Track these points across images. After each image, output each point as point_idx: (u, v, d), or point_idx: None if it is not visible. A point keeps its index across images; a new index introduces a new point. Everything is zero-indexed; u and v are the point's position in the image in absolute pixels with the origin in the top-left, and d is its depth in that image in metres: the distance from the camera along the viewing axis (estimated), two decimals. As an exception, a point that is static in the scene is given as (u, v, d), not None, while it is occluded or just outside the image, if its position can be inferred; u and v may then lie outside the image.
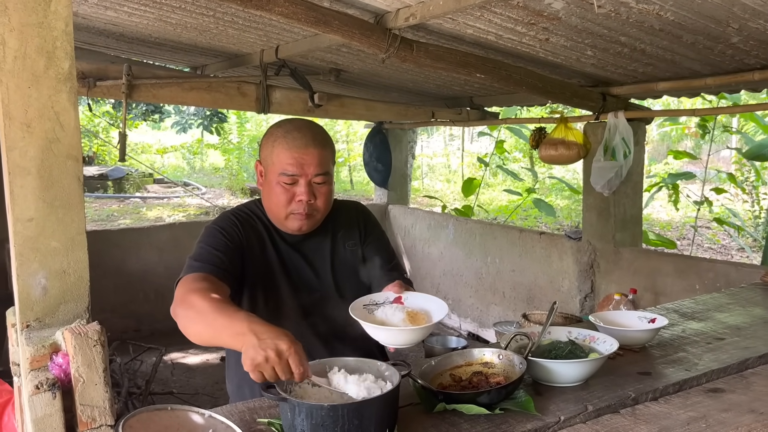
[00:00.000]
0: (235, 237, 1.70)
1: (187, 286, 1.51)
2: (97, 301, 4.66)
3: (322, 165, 1.68)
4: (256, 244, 1.74)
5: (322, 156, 1.68)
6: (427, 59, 2.83)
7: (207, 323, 1.38)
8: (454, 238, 4.89)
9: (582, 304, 3.79)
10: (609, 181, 3.36)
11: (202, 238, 1.69)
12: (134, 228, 5.36)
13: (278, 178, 1.66)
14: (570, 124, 3.65)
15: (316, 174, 1.67)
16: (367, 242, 1.86)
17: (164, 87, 3.59)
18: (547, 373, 1.47)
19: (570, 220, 10.16)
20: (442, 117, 4.45)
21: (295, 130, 1.69)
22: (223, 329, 1.34)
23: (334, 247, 1.83)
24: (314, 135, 1.69)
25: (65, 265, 1.53)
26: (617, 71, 3.28)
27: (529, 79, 3.19)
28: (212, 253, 1.62)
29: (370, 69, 3.98)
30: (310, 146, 1.66)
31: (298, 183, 1.66)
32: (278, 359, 1.21)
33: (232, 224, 1.72)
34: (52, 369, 1.61)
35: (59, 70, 1.47)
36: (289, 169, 1.65)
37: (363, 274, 1.84)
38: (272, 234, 1.77)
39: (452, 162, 17.21)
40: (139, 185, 12.32)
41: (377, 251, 1.86)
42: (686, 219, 9.70)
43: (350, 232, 1.86)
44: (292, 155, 1.65)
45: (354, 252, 1.84)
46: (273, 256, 1.75)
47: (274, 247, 1.76)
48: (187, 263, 1.62)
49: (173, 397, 3.49)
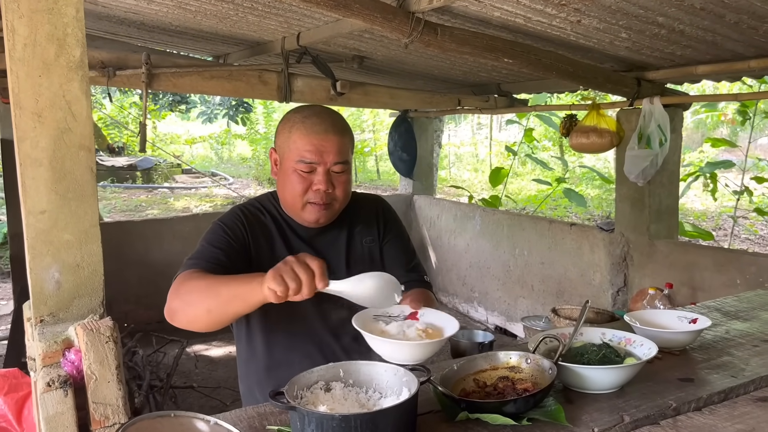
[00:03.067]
0: (239, 233, 1.61)
1: (180, 280, 1.44)
2: (121, 292, 4.64)
3: (341, 153, 1.58)
4: (263, 241, 1.65)
5: (341, 143, 1.58)
6: (452, 44, 2.71)
7: (217, 293, 1.33)
8: (481, 230, 4.76)
9: (614, 298, 3.65)
10: (644, 170, 3.20)
11: (204, 235, 1.61)
12: (158, 219, 5.35)
13: (295, 165, 1.57)
14: (602, 111, 3.50)
15: (335, 162, 1.57)
16: (386, 239, 1.76)
17: (184, 76, 3.53)
18: (579, 379, 1.36)
19: (600, 210, 9.92)
20: (469, 105, 4.32)
21: (313, 116, 1.59)
22: (238, 287, 1.29)
23: (350, 242, 1.73)
24: (334, 121, 1.60)
25: (79, 258, 1.50)
26: (653, 54, 3.12)
27: (559, 64, 3.05)
28: (210, 251, 1.54)
29: (394, 56, 3.87)
30: (330, 133, 1.57)
31: (315, 171, 1.57)
32: (296, 260, 1.22)
33: (238, 220, 1.64)
34: (65, 365, 1.57)
35: (70, 58, 1.44)
36: (307, 156, 1.55)
37: None
38: (283, 229, 1.68)
39: (480, 151, 17.01)
40: (168, 175, 12.38)
41: (397, 249, 1.76)
42: (722, 209, 9.40)
43: (368, 228, 1.76)
44: (310, 141, 1.55)
45: (371, 248, 1.75)
46: (283, 252, 1.65)
47: (285, 243, 1.66)
48: (183, 263, 1.54)
49: (194, 391, 3.45)
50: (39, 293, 1.45)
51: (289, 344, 1.63)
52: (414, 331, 1.38)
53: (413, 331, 1.37)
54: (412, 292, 1.65)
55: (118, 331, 1.75)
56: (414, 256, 1.80)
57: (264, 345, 1.65)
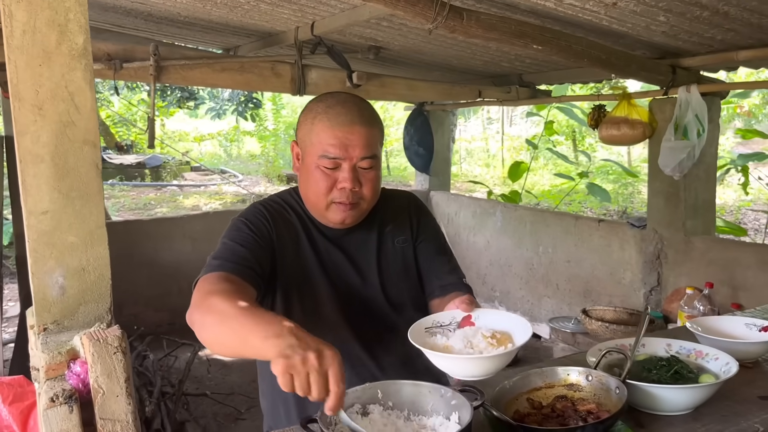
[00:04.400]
0: (264, 231, 1.45)
1: (206, 288, 1.27)
2: (130, 294, 4.49)
3: (369, 146, 1.41)
4: (288, 240, 1.49)
5: (369, 135, 1.42)
6: (478, 29, 2.54)
7: (231, 328, 1.15)
8: (502, 226, 4.59)
9: (647, 298, 3.47)
10: (680, 162, 3.02)
11: (226, 233, 1.45)
12: (167, 218, 5.21)
13: (318, 161, 1.41)
14: (633, 101, 3.32)
15: (362, 157, 1.40)
16: (419, 239, 1.60)
17: (194, 68, 3.38)
18: (650, 399, 1.20)
19: (616, 204, 9.71)
20: (490, 96, 4.14)
21: (338, 105, 1.42)
22: (251, 333, 1.09)
23: (381, 243, 1.56)
24: (360, 111, 1.43)
25: (84, 261, 1.39)
26: (691, 39, 2.93)
27: (591, 51, 2.87)
28: (235, 250, 1.38)
29: (412, 45, 3.70)
30: (356, 124, 1.40)
31: (340, 167, 1.40)
32: (318, 365, 0.99)
33: (261, 217, 1.48)
34: (70, 378, 1.46)
35: (72, 45, 1.32)
36: (330, 150, 1.39)
37: (414, 276, 1.58)
38: (309, 227, 1.52)
39: (491, 146, 16.81)
40: (176, 173, 12.25)
41: (432, 250, 1.60)
42: (740, 203, 9.17)
43: (400, 227, 1.59)
44: (334, 134, 1.39)
45: (404, 250, 1.58)
46: (309, 253, 1.50)
47: (311, 243, 1.50)
48: (207, 262, 1.38)
49: (208, 398, 3.30)
50: (42, 299, 1.36)
51: None
52: (480, 339, 1.21)
53: (480, 339, 1.20)
54: (454, 296, 1.49)
55: (126, 340, 1.62)
56: (451, 256, 1.64)
57: None
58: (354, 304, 1.50)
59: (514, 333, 1.23)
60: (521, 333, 1.21)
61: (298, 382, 0.98)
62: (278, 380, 0.99)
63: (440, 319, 1.32)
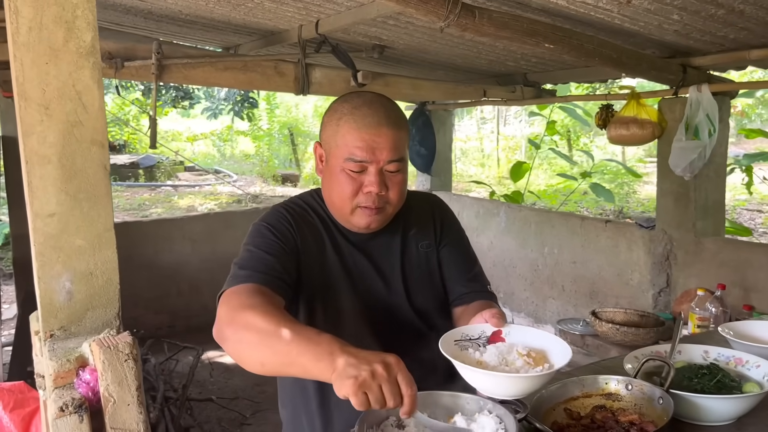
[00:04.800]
0: (289, 237, 1.40)
1: (237, 302, 1.21)
2: (130, 297, 4.40)
3: (396, 149, 1.36)
4: (313, 245, 1.43)
5: (397, 138, 1.37)
6: (490, 27, 2.50)
7: (275, 349, 1.09)
8: (506, 227, 4.55)
9: (655, 299, 3.44)
10: (691, 163, 2.99)
11: (249, 239, 1.39)
12: (166, 219, 5.14)
13: (343, 164, 1.35)
14: (642, 101, 3.28)
15: (389, 160, 1.35)
16: (443, 243, 1.55)
17: (197, 67, 3.32)
18: (693, 410, 1.15)
19: (612, 205, 9.71)
20: (495, 96, 4.10)
21: (364, 106, 1.37)
22: (300, 354, 1.05)
23: (405, 247, 1.51)
24: (388, 112, 1.38)
25: (92, 265, 1.36)
26: (702, 38, 2.90)
27: (603, 50, 2.83)
28: (263, 258, 1.33)
29: (417, 44, 3.65)
30: (384, 126, 1.35)
31: (367, 171, 1.35)
32: (387, 375, 0.97)
33: (285, 221, 1.42)
34: (79, 387, 1.42)
35: (80, 43, 1.28)
36: (357, 153, 1.34)
37: (438, 282, 1.53)
38: (332, 232, 1.46)
39: (485, 146, 16.81)
40: (170, 173, 12.16)
41: (456, 255, 1.55)
42: (735, 202, 9.18)
43: (424, 230, 1.54)
44: (361, 136, 1.34)
45: (428, 254, 1.53)
46: (333, 258, 1.44)
47: (335, 248, 1.45)
48: (232, 272, 1.32)
49: (212, 403, 3.24)
50: (48, 305, 1.32)
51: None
52: (516, 357, 1.15)
53: (515, 357, 1.15)
54: (478, 305, 1.44)
55: (138, 347, 1.56)
56: (476, 262, 1.59)
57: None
58: (378, 312, 1.45)
59: (550, 352, 1.17)
60: (559, 353, 1.15)
61: (373, 397, 0.96)
62: (352, 401, 0.96)
63: (469, 332, 1.26)
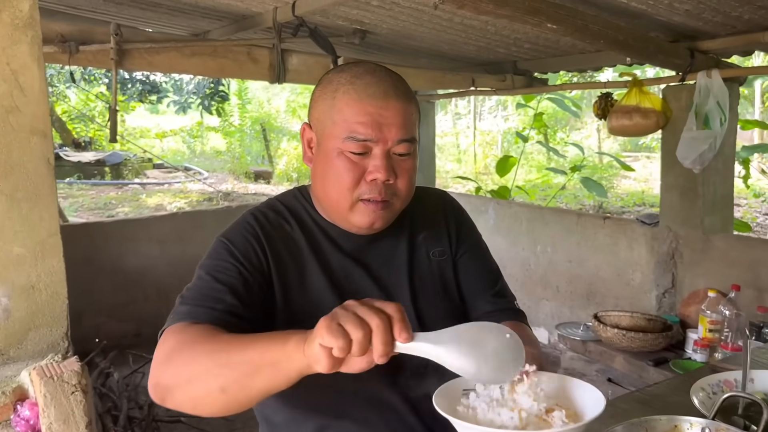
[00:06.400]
0: (253, 258, 1.11)
1: (172, 342, 0.95)
2: (91, 303, 4.01)
3: (407, 126, 1.10)
4: (290, 262, 1.15)
5: (407, 113, 1.10)
6: (489, 4, 2.28)
7: (232, 364, 0.86)
8: (495, 224, 4.32)
9: (659, 301, 3.23)
10: (701, 154, 2.78)
11: (204, 260, 1.11)
12: (132, 219, 4.80)
13: (342, 145, 1.08)
14: (645, 88, 3.07)
15: (399, 139, 1.08)
16: (460, 251, 1.28)
17: (161, 52, 3.03)
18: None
19: (591, 199, 9.56)
20: (484, 85, 3.86)
21: (366, 74, 1.10)
22: (266, 350, 0.85)
23: (414, 255, 1.23)
24: (395, 82, 1.11)
25: (34, 277, 1.17)
26: (714, 19, 2.69)
27: (608, 31, 2.61)
28: (211, 289, 1.05)
29: (401, 29, 3.39)
30: (391, 97, 1.08)
31: (371, 153, 1.08)
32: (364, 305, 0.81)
33: (251, 236, 1.13)
34: (17, 425, 1.22)
35: (16, 13, 1.05)
36: (360, 130, 1.07)
37: (456, 299, 1.25)
38: (318, 241, 1.18)
39: (461, 141, 16.68)
40: (138, 171, 11.72)
41: (477, 266, 1.28)
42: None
43: (436, 236, 1.27)
44: (364, 109, 1.06)
45: (441, 265, 1.25)
46: (319, 276, 1.15)
47: (322, 264, 1.16)
48: (177, 305, 1.05)
49: (182, 424, 2.94)
50: None
51: (338, 409, 1.13)
52: (533, 408, 0.87)
53: (533, 408, 0.87)
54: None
55: (88, 376, 1.29)
56: (499, 274, 1.32)
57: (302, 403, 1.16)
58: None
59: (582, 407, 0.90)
60: (590, 405, 0.89)
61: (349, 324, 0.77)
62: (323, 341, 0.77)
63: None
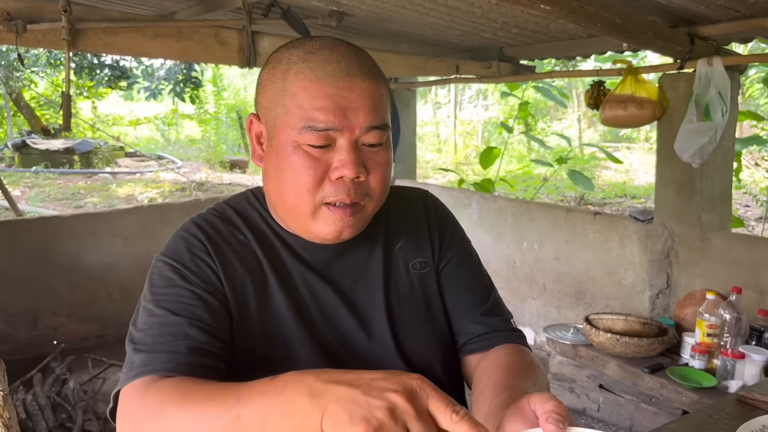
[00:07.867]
0: (209, 275, 0.89)
1: (137, 414, 0.74)
2: (48, 303, 3.73)
3: (377, 111, 0.88)
4: (245, 278, 0.93)
5: (376, 94, 0.88)
6: (478, -19, 2.06)
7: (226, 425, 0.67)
8: (478, 219, 4.13)
9: (653, 302, 3.06)
10: (701, 147, 2.60)
11: (148, 289, 0.89)
12: (93, 213, 4.52)
13: (299, 136, 0.86)
14: (641, 77, 2.88)
15: (369, 126, 0.87)
16: (445, 260, 1.06)
17: (119, 33, 2.77)
18: None
19: (573, 190, 9.43)
20: (468, 72, 3.65)
21: (324, 49, 0.88)
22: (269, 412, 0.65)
23: (390, 269, 1.02)
24: (359, 58, 0.89)
25: None
26: (717, 3, 2.50)
27: (605, 14, 2.41)
28: (171, 326, 0.83)
29: (380, 10, 3.16)
30: (356, 76, 0.86)
31: (335, 145, 0.87)
32: (413, 407, 0.61)
33: (199, 250, 0.91)
34: None
35: None
36: (319, 117, 0.84)
37: (441, 318, 1.04)
38: (277, 251, 0.96)
39: (441, 131, 16.52)
40: (109, 159, 11.33)
41: (465, 279, 1.06)
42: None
43: (417, 243, 1.05)
44: (324, 91, 0.85)
45: (424, 279, 1.03)
46: (278, 294, 0.93)
47: (280, 278, 0.95)
48: (129, 351, 0.83)
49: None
50: None
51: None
52: None
53: None
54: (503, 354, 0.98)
55: (12, 407, 1.07)
56: (492, 287, 1.11)
57: None
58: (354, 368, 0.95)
59: None
60: None
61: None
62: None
63: None
